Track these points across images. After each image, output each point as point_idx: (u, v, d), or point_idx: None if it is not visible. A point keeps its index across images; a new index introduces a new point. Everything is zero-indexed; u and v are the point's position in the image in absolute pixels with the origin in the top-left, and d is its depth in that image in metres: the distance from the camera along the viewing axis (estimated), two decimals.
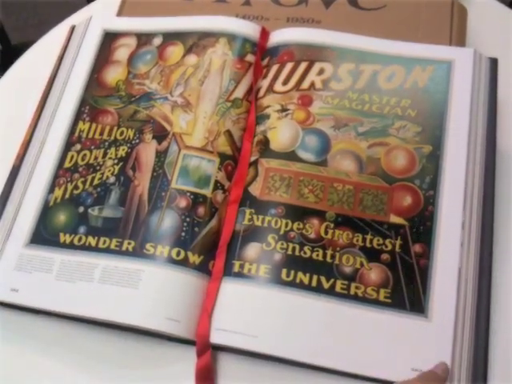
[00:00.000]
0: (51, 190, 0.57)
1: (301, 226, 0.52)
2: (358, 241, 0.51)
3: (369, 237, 0.51)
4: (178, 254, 0.52)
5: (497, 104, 0.56)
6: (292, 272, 0.50)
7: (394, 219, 0.52)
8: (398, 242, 0.51)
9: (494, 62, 0.58)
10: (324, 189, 0.53)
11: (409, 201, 0.52)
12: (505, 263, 0.53)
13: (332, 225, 0.52)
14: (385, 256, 0.50)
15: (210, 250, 0.53)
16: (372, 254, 0.51)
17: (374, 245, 0.51)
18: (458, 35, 0.62)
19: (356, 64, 0.59)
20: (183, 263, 0.51)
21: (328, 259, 0.50)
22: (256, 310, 0.49)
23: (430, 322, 0.48)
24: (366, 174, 0.54)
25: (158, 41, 0.63)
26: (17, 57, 0.73)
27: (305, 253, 0.51)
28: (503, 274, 0.53)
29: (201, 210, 0.54)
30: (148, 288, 0.51)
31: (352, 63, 0.59)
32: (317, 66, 0.59)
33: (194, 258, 0.52)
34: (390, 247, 0.51)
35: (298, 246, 0.51)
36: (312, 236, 0.51)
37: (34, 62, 0.72)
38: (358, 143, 0.55)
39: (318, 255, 0.51)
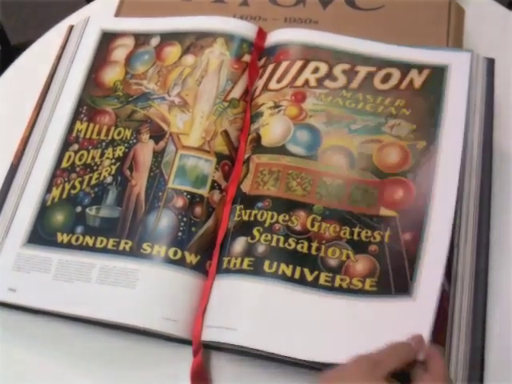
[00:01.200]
0: (49, 189, 0.57)
1: (286, 217, 0.51)
2: (345, 234, 0.51)
3: (357, 230, 0.51)
4: (175, 253, 0.52)
5: (493, 104, 0.56)
6: (275, 264, 0.50)
7: (384, 212, 0.51)
8: (388, 234, 0.50)
9: (490, 63, 0.58)
10: (313, 182, 0.53)
11: (400, 194, 0.52)
12: (502, 260, 0.53)
13: (319, 218, 0.51)
14: (373, 247, 0.50)
15: (206, 249, 0.53)
16: (359, 247, 0.50)
17: (362, 237, 0.50)
18: (455, 36, 0.62)
19: (351, 65, 0.58)
20: (180, 263, 0.51)
21: (313, 251, 0.50)
22: (236, 303, 0.49)
23: (414, 301, 0.47)
24: (357, 170, 0.53)
25: (155, 41, 0.63)
26: (16, 57, 0.74)
27: (289, 245, 0.51)
28: (501, 272, 0.52)
29: (198, 210, 0.54)
30: (145, 288, 0.51)
31: (347, 64, 0.59)
32: (312, 65, 0.59)
33: (191, 258, 0.52)
34: (378, 239, 0.50)
35: (282, 238, 0.51)
36: (298, 228, 0.51)
37: (32, 62, 0.72)
38: (350, 139, 0.55)
39: (302, 247, 0.50)
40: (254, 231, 0.51)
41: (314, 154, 0.54)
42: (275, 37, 0.62)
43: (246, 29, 0.62)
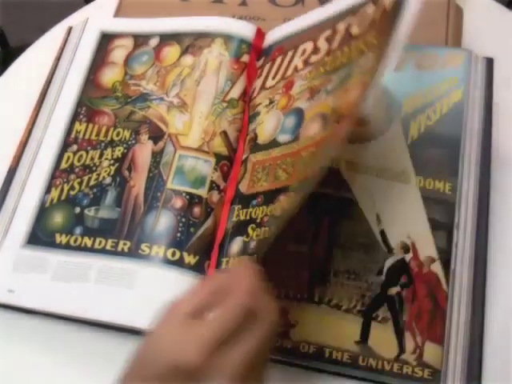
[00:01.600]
0: (48, 190, 0.57)
1: (272, 208, 0.50)
2: None
3: None
4: (174, 254, 0.52)
5: (492, 104, 0.56)
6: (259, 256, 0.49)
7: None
8: None
9: (490, 63, 0.58)
10: (294, 163, 0.51)
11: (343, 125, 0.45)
12: (501, 260, 0.53)
13: (292, 193, 0.49)
14: None
15: (205, 250, 0.53)
16: None
17: None
18: (453, 35, 0.62)
19: (332, 28, 0.56)
20: (179, 263, 0.51)
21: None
22: None
23: None
24: (329, 127, 0.50)
25: (154, 42, 0.64)
26: (15, 59, 0.74)
27: (271, 232, 0.49)
28: (500, 271, 0.52)
29: (196, 211, 0.54)
30: (143, 288, 0.51)
31: (329, 30, 0.56)
32: (300, 49, 0.58)
33: (190, 259, 0.52)
34: None
35: (267, 229, 0.50)
36: (278, 214, 0.50)
37: (31, 63, 0.72)
38: (326, 102, 0.52)
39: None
40: (249, 229, 0.51)
41: (297, 134, 0.53)
42: (271, 36, 0.62)
43: (244, 29, 0.62)
